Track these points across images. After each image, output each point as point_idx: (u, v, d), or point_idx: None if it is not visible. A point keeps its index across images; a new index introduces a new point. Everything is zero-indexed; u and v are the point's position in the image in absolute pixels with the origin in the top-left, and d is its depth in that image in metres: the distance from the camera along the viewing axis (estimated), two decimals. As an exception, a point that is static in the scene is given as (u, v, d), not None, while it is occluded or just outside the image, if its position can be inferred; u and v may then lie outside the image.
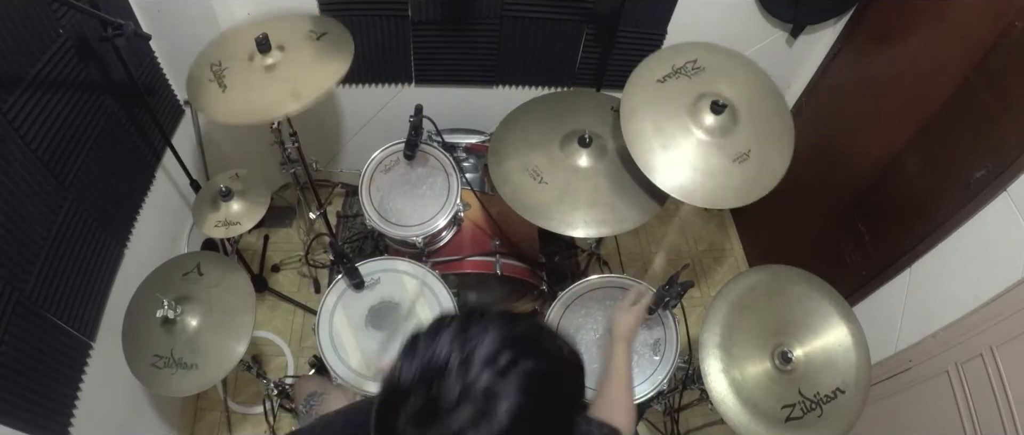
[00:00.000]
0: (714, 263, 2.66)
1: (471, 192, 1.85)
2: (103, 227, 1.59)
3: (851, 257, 1.95)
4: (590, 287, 1.56)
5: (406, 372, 0.61)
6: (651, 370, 1.53)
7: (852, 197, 1.96)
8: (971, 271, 1.49)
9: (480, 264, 1.80)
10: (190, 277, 1.52)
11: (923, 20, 1.69)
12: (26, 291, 1.29)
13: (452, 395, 0.57)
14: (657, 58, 1.57)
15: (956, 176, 1.52)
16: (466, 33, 2.00)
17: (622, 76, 1.55)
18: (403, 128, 1.65)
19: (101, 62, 1.59)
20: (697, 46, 1.58)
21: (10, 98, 1.27)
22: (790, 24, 2.04)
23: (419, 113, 1.61)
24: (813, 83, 2.22)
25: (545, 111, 1.76)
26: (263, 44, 1.52)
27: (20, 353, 1.25)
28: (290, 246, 2.54)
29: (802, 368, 1.43)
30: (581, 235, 1.55)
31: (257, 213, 1.77)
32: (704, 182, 1.44)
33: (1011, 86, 1.39)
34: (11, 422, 1.22)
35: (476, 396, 0.57)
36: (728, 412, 1.38)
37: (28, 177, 1.32)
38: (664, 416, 2.10)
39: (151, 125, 1.82)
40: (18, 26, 1.29)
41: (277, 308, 2.36)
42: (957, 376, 1.47)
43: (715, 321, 1.47)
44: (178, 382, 1.41)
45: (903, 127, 1.71)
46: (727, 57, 1.59)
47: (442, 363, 0.59)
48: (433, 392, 0.58)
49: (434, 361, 0.60)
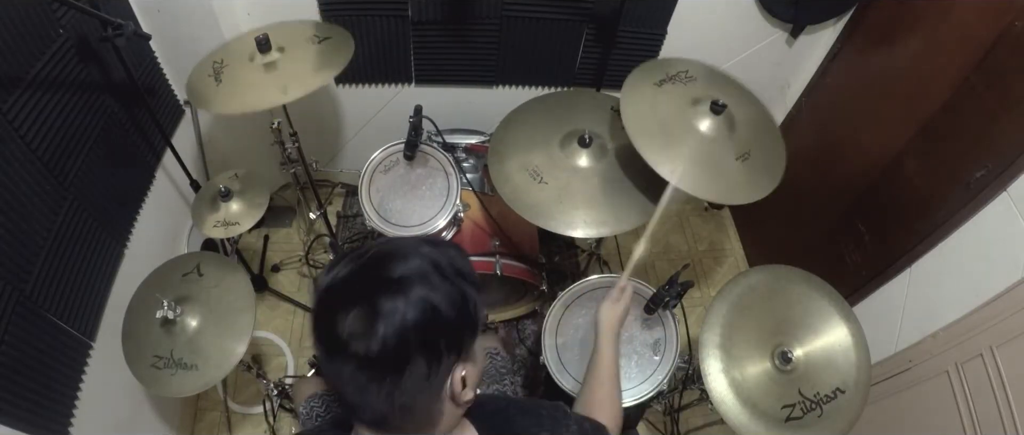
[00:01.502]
0: (714, 263, 2.66)
1: (471, 192, 1.85)
2: (103, 227, 1.59)
3: (851, 257, 1.95)
4: (590, 287, 1.56)
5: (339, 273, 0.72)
6: (651, 370, 1.52)
7: (852, 197, 1.96)
8: (971, 271, 1.49)
9: (480, 264, 1.80)
10: (190, 277, 1.52)
11: (923, 20, 1.69)
12: (26, 291, 1.29)
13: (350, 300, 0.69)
14: (651, 66, 1.58)
15: (956, 176, 1.52)
16: (466, 33, 2.00)
17: (622, 76, 1.55)
18: (403, 128, 1.65)
19: (101, 62, 1.59)
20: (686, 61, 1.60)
21: (10, 98, 1.27)
22: (790, 24, 2.04)
23: (419, 113, 1.61)
24: (813, 83, 2.22)
25: (545, 111, 1.76)
26: (263, 44, 1.52)
27: (20, 353, 1.25)
28: (290, 246, 2.54)
29: (802, 368, 1.43)
30: (581, 235, 1.55)
31: (257, 213, 1.77)
32: (709, 176, 1.43)
33: (1011, 86, 1.39)
34: (11, 422, 1.22)
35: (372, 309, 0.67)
36: (728, 412, 1.38)
37: (28, 177, 1.32)
38: (664, 416, 2.10)
39: (151, 125, 1.82)
40: (18, 26, 1.29)
41: (277, 308, 2.36)
42: (957, 376, 1.47)
43: (715, 321, 1.47)
44: (178, 383, 1.40)
45: (903, 127, 1.71)
46: (715, 75, 1.60)
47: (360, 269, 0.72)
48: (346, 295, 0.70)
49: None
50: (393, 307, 0.67)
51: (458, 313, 0.71)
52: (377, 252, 0.73)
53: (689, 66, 1.58)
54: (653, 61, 1.61)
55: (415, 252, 0.72)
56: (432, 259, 0.72)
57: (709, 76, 1.59)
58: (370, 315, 0.67)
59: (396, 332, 0.67)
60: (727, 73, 1.62)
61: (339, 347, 0.68)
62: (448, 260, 0.74)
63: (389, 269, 0.70)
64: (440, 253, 0.74)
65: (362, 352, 0.67)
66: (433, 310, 0.69)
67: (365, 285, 0.70)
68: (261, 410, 2.05)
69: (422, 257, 0.72)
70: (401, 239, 0.78)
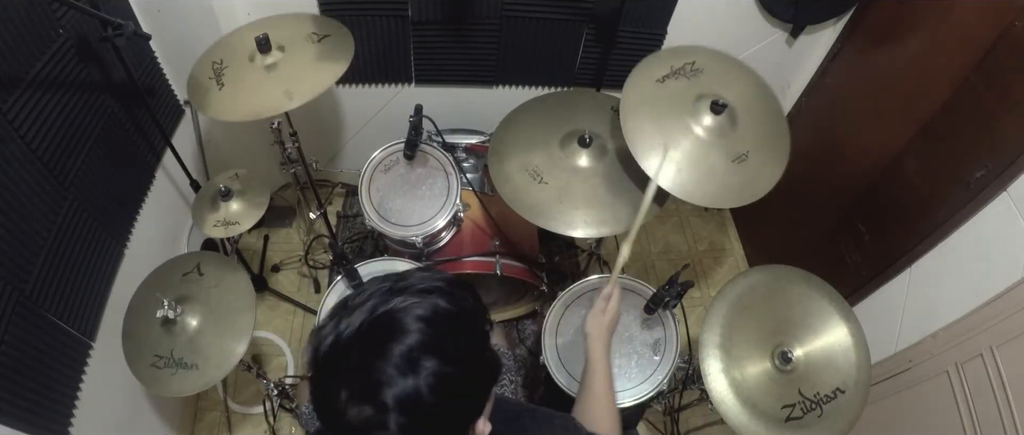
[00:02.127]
0: (714, 263, 2.66)
1: (471, 192, 1.85)
2: (103, 227, 1.59)
3: (851, 257, 1.95)
4: (590, 287, 1.56)
5: (324, 344, 0.63)
6: (651, 370, 1.52)
7: (852, 197, 1.96)
8: (971, 271, 1.49)
9: (480, 264, 1.80)
10: (190, 277, 1.52)
11: (923, 20, 1.69)
12: (26, 291, 1.29)
13: (358, 393, 0.60)
14: (655, 59, 1.57)
15: (956, 176, 1.52)
16: (466, 33, 2.00)
17: (622, 76, 1.55)
18: (403, 128, 1.65)
19: (101, 62, 1.59)
20: (695, 49, 1.58)
21: (10, 98, 1.27)
22: (790, 24, 2.04)
23: (419, 113, 1.61)
24: (813, 83, 2.22)
25: (545, 111, 1.76)
26: (263, 44, 1.52)
27: (20, 353, 1.25)
28: (290, 246, 2.54)
29: (802, 368, 1.43)
30: (581, 235, 1.55)
31: (257, 213, 1.77)
32: (704, 181, 1.44)
33: (1011, 86, 1.39)
34: (11, 422, 1.22)
35: (377, 398, 0.58)
36: (728, 412, 1.38)
37: (28, 177, 1.32)
38: (664, 416, 2.10)
39: (151, 125, 1.82)
40: (18, 26, 1.29)
41: (277, 308, 2.36)
42: (957, 376, 1.47)
43: (715, 321, 1.47)
44: (178, 382, 1.41)
45: (903, 127, 1.71)
46: (724, 61, 1.59)
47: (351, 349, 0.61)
48: (338, 383, 0.60)
49: (347, 344, 0.62)
50: (403, 393, 0.58)
51: (474, 372, 0.64)
52: (375, 321, 0.63)
53: (696, 55, 1.55)
54: (658, 53, 1.59)
55: (414, 318, 0.62)
56: (434, 315, 0.63)
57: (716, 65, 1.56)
58: (379, 408, 0.58)
59: (410, 420, 0.59)
60: (734, 57, 1.59)
61: (346, 430, 0.61)
62: (454, 306, 0.65)
63: (391, 346, 0.60)
64: (446, 301, 0.65)
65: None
66: (447, 380, 0.61)
67: (368, 367, 0.60)
68: (261, 410, 2.05)
69: (424, 321, 0.62)
70: (403, 293, 0.65)
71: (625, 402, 1.49)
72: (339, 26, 1.64)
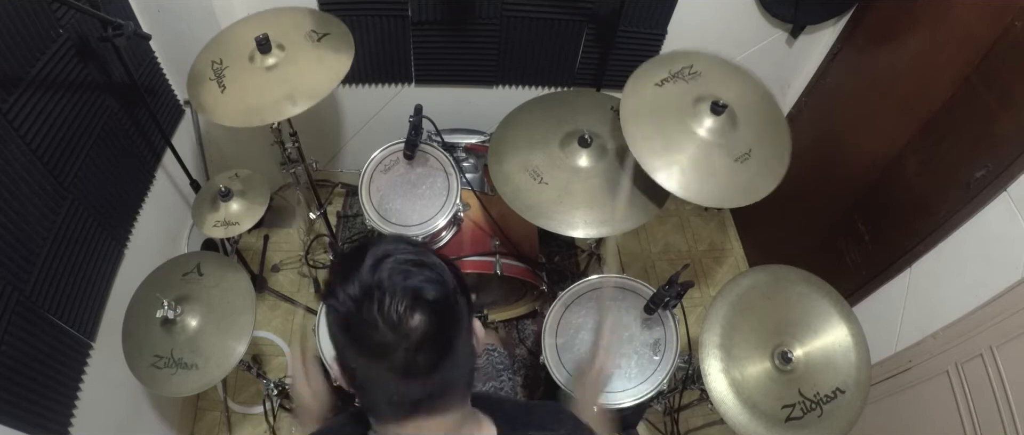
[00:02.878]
0: (714, 263, 2.66)
1: (471, 192, 1.85)
2: (103, 227, 1.59)
3: (851, 257, 1.95)
4: (590, 287, 1.56)
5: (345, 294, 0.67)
6: (651, 370, 1.53)
7: (852, 197, 1.96)
8: (971, 271, 1.49)
9: (480, 264, 1.80)
10: (190, 277, 1.52)
11: (923, 20, 1.69)
12: (26, 291, 1.29)
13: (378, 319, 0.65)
14: (654, 63, 1.57)
15: (956, 176, 1.52)
16: (466, 33, 2.00)
17: (622, 76, 1.55)
18: (403, 128, 1.65)
19: (101, 62, 1.59)
20: (692, 53, 1.58)
21: (10, 98, 1.27)
22: (790, 24, 2.04)
23: (419, 113, 1.61)
24: (813, 83, 2.22)
25: (545, 111, 1.76)
26: (263, 44, 1.51)
27: (20, 353, 1.26)
28: (290, 246, 2.53)
29: (802, 368, 1.43)
30: (581, 235, 1.55)
31: (257, 213, 1.77)
32: (706, 181, 1.44)
33: (1011, 86, 1.39)
34: (11, 422, 1.22)
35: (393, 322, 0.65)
36: (728, 412, 1.38)
37: (28, 177, 1.32)
38: (664, 416, 2.10)
39: (151, 125, 1.82)
40: (18, 26, 1.29)
41: (277, 308, 2.36)
42: (957, 376, 1.47)
43: (715, 321, 1.47)
44: (178, 382, 1.41)
45: (903, 127, 1.71)
46: (721, 64, 1.59)
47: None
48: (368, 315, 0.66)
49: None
50: (426, 276, 0.66)
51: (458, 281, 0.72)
52: (367, 249, 0.71)
53: (694, 59, 1.56)
54: (657, 57, 1.60)
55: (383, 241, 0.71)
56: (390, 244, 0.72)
57: (714, 69, 1.57)
58: (407, 293, 0.64)
59: (440, 291, 0.66)
60: (731, 60, 1.60)
61: (387, 342, 0.65)
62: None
63: (389, 251, 0.68)
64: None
65: (419, 329, 0.64)
66: (442, 264, 0.70)
67: (378, 273, 0.66)
68: (261, 410, 2.04)
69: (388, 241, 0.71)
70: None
71: (625, 402, 1.49)
72: (339, 24, 1.63)
